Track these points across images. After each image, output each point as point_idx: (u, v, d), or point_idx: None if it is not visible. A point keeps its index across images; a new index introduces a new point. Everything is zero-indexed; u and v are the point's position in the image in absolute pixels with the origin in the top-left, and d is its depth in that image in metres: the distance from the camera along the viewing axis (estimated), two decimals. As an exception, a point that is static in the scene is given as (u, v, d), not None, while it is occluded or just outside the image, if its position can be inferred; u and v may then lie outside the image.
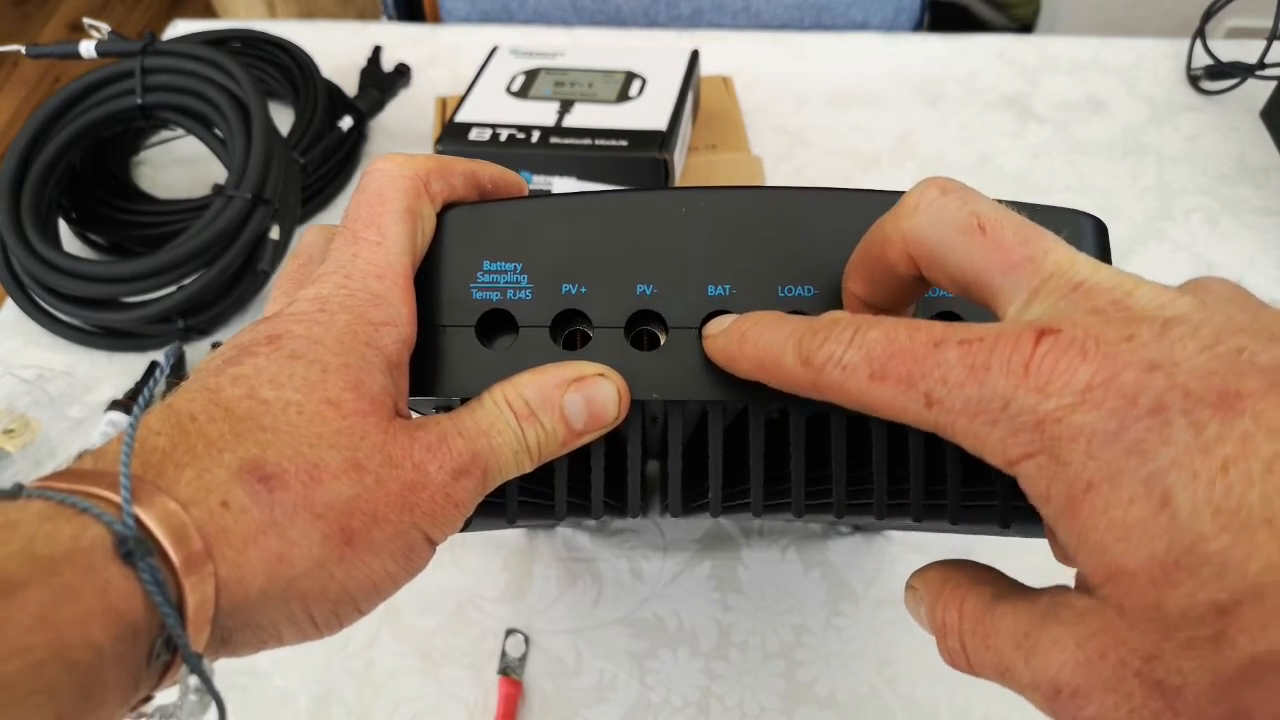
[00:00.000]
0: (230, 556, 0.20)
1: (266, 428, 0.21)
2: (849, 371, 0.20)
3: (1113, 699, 0.17)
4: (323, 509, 0.21)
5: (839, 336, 0.21)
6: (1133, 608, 0.17)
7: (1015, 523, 0.28)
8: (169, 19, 0.77)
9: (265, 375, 0.22)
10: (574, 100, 0.58)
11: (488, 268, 0.27)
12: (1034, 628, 0.19)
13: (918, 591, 0.25)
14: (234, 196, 0.52)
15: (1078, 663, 0.18)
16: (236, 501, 0.20)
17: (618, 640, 0.45)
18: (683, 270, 0.27)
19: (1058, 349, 0.18)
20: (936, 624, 0.23)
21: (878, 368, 0.20)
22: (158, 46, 0.56)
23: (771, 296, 0.27)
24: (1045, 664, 0.18)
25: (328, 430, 0.22)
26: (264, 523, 0.21)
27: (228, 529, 0.20)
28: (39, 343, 0.56)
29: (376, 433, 0.23)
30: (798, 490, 0.28)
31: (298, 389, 0.22)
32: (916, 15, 0.90)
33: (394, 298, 0.25)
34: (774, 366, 0.23)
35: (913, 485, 0.28)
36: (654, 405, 0.27)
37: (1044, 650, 0.19)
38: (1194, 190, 0.64)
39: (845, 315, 0.22)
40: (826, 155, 0.67)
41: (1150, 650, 0.17)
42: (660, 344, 0.27)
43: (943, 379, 0.19)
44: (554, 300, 0.27)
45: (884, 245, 0.23)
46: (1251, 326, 0.17)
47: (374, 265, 0.25)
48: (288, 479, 0.21)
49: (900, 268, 0.23)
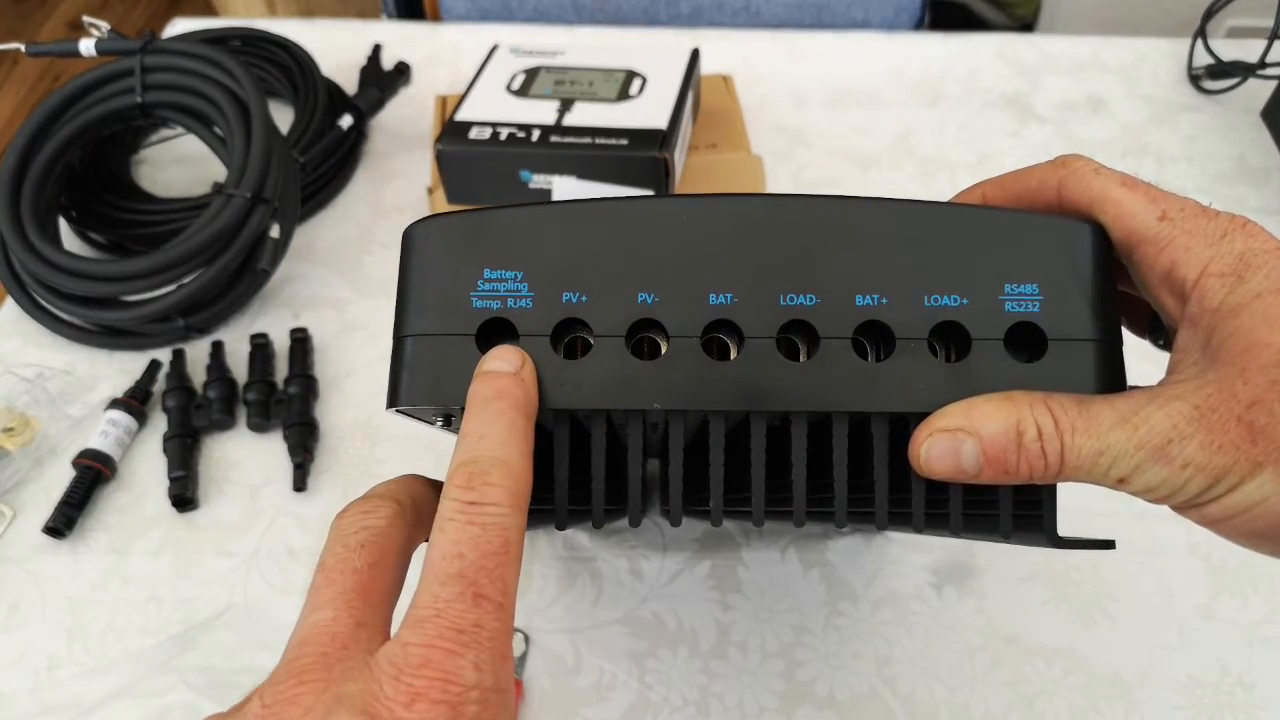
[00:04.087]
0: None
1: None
2: (1102, 176, 0.27)
3: (1211, 437, 0.23)
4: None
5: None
6: (1256, 369, 0.23)
7: (1016, 532, 0.28)
8: (169, 17, 0.77)
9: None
10: (574, 99, 0.58)
11: (488, 276, 0.27)
12: (1142, 405, 0.24)
13: (958, 432, 0.25)
14: (234, 195, 0.52)
15: (1189, 417, 0.23)
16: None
17: (617, 639, 0.45)
18: (684, 278, 0.27)
19: (1258, 227, 0.26)
20: (1024, 436, 0.25)
21: (1126, 180, 0.27)
22: (157, 45, 0.56)
23: (773, 305, 0.27)
24: (1156, 426, 0.24)
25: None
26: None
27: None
28: (39, 341, 0.56)
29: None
30: (799, 500, 0.27)
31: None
32: (916, 14, 0.90)
33: (513, 690, 0.23)
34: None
35: (914, 495, 0.27)
36: (655, 413, 0.27)
37: (1153, 417, 0.24)
38: (1194, 190, 0.64)
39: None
40: (826, 154, 0.67)
41: (1255, 398, 0.23)
42: (661, 352, 0.27)
43: (1180, 206, 0.26)
44: (555, 309, 0.27)
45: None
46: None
47: (499, 642, 0.22)
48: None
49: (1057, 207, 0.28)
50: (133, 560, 0.48)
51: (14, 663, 0.44)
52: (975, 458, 0.25)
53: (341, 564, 0.24)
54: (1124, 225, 0.26)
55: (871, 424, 0.27)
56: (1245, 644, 0.44)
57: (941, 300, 0.27)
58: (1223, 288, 0.24)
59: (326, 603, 0.23)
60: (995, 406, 0.25)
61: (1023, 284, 0.27)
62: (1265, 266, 0.24)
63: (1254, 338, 0.23)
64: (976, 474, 0.25)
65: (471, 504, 0.23)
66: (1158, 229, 0.26)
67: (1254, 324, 0.23)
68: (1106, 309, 0.27)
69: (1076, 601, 0.46)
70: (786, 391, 0.26)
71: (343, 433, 0.53)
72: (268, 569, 0.47)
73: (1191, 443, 0.23)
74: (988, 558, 0.47)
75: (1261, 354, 0.23)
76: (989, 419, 0.25)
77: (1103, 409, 0.25)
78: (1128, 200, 0.27)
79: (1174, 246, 0.25)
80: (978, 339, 0.26)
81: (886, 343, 0.27)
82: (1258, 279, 0.24)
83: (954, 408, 0.26)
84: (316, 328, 0.56)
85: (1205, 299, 0.25)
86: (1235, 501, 0.24)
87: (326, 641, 0.22)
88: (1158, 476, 0.24)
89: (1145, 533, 0.47)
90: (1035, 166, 0.29)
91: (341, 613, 0.23)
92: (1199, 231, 0.25)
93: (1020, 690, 0.43)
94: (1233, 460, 0.23)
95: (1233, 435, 0.23)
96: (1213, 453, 0.23)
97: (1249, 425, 0.23)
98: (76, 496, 0.48)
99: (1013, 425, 0.25)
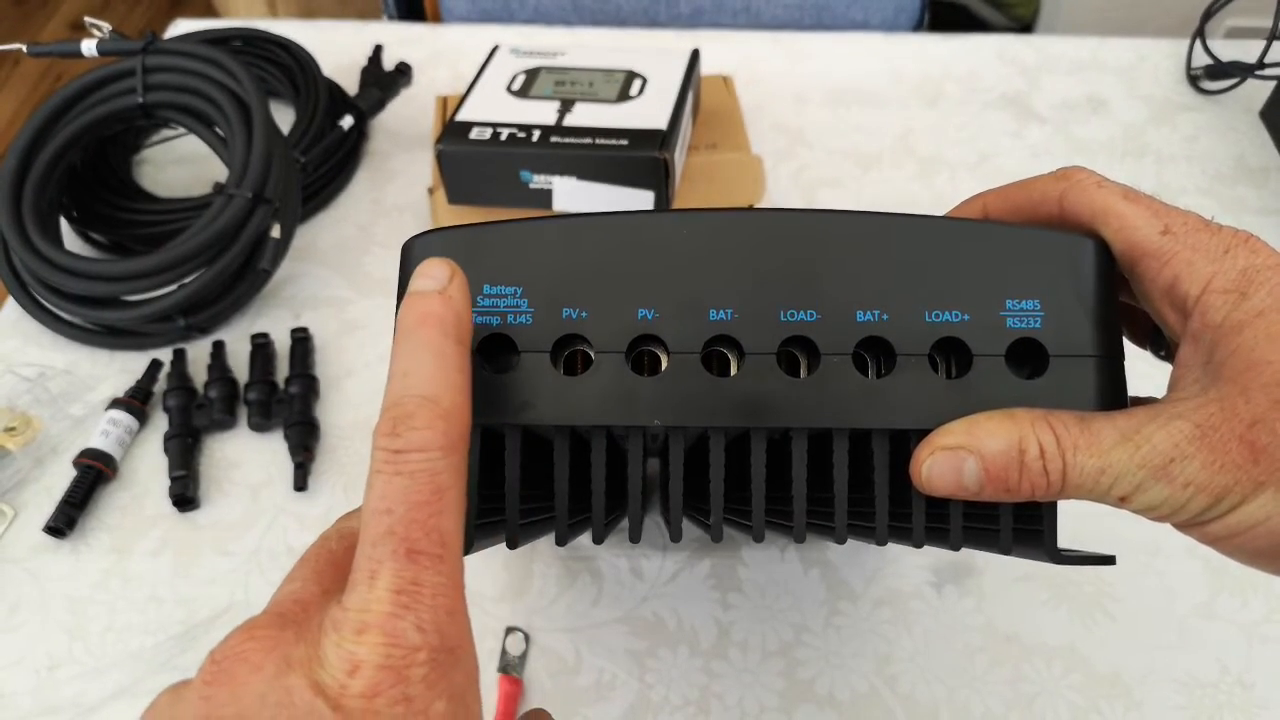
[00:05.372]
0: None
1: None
2: (1105, 189, 0.27)
3: (1213, 456, 0.23)
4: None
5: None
6: (1258, 388, 0.23)
7: (1017, 546, 0.28)
8: (170, 18, 0.77)
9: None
10: (574, 99, 0.58)
11: (488, 291, 0.27)
12: (1144, 424, 0.24)
13: (960, 450, 0.25)
14: (235, 195, 0.52)
15: (1191, 436, 0.23)
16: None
17: (617, 639, 0.45)
18: (684, 294, 0.27)
19: (1261, 243, 0.26)
20: (1026, 454, 0.25)
21: (1129, 194, 0.27)
22: (159, 45, 0.56)
23: (774, 321, 0.26)
24: (1158, 444, 0.24)
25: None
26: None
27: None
28: (40, 341, 0.56)
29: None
30: (799, 516, 0.27)
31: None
32: (916, 15, 0.90)
33: (468, 646, 0.21)
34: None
35: (914, 511, 0.27)
36: (655, 428, 0.27)
37: (1155, 436, 0.24)
38: (1193, 190, 0.65)
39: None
40: (827, 155, 0.67)
41: (1257, 417, 0.23)
42: (662, 368, 0.27)
43: (1184, 220, 0.26)
44: (555, 324, 0.26)
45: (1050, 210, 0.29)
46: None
47: (443, 597, 0.20)
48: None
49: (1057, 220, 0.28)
50: (133, 560, 0.48)
51: (14, 663, 0.44)
52: (977, 475, 0.25)
53: (318, 548, 0.24)
54: (1126, 239, 0.26)
55: (872, 440, 0.27)
56: (1245, 644, 0.44)
57: (943, 316, 0.26)
58: (1225, 304, 0.24)
59: (297, 576, 0.23)
60: (997, 424, 0.25)
61: (1024, 300, 0.27)
62: (1268, 283, 0.24)
63: (1256, 355, 0.23)
64: (978, 491, 0.25)
65: (397, 452, 0.21)
66: (1160, 243, 0.26)
67: (1256, 342, 0.23)
68: (1108, 325, 0.27)
69: (1076, 601, 0.46)
70: (787, 407, 0.26)
71: (343, 432, 0.53)
72: (268, 569, 0.47)
73: (1193, 462, 0.23)
74: (987, 557, 0.47)
75: (1264, 372, 0.23)
76: (991, 437, 0.25)
77: (1104, 427, 0.25)
78: (1130, 213, 0.26)
79: (1177, 261, 0.25)
80: (979, 355, 0.26)
81: (887, 359, 0.27)
82: (1260, 296, 0.24)
83: (955, 425, 0.26)
84: (317, 327, 0.56)
85: (1207, 315, 0.25)
86: (1237, 520, 0.24)
87: (289, 605, 0.22)
88: (1159, 495, 0.24)
89: (1145, 533, 0.47)
90: (1037, 178, 0.29)
91: (310, 582, 0.23)
92: (1202, 247, 0.25)
93: (1020, 690, 0.43)
94: (1234, 479, 0.23)
95: (1234, 454, 0.23)
96: (1214, 472, 0.23)
97: (1251, 444, 0.23)
98: (77, 496, 0.48)
99: (1015, 443, 0.25)
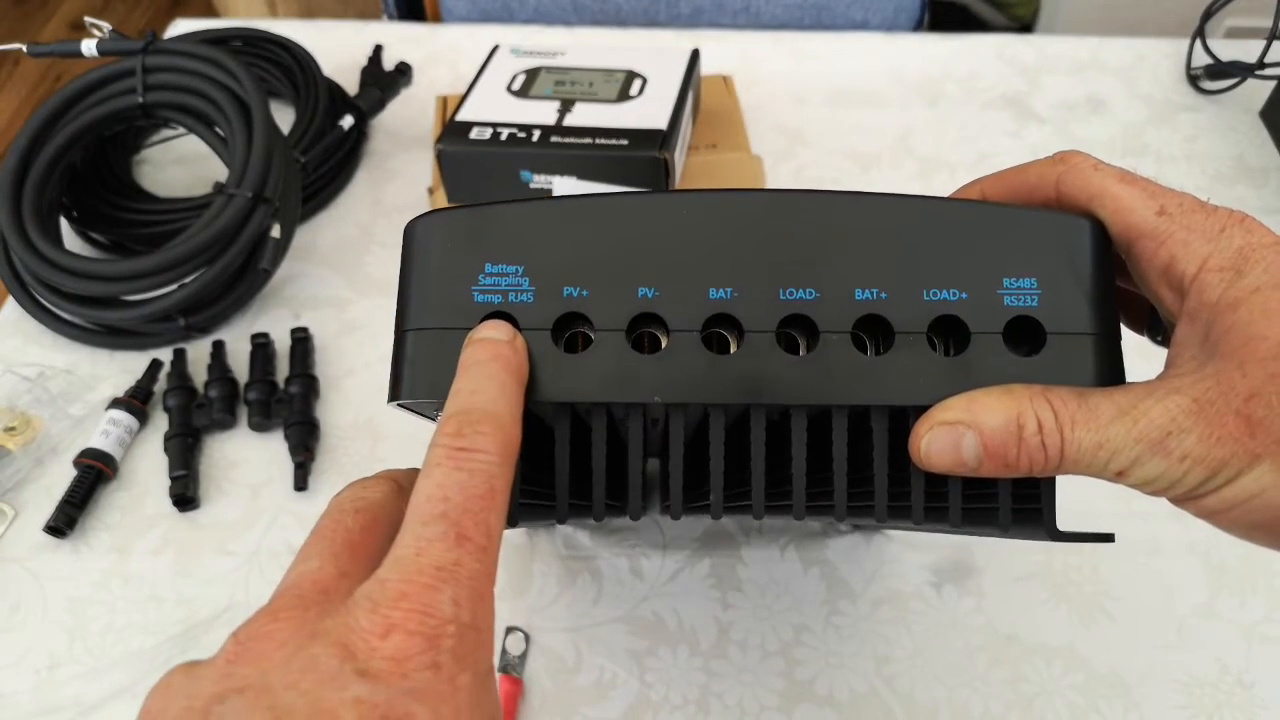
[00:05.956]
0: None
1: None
2: (1101, 172, 0.27)
3: (1210, 429, 0.23)
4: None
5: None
6: (1254, 362, 0.23)
7: (1016, 524, 0.28)
8: (170, 18, 0.77)
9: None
10: (574, 99, 0.58)
11: (489, 270, 0.27)
12: (1141, 398, 0.24)
13: (959, 425, 0.26)
14: (235, 195, 0.52)
15: (1187, 410, 0.24)
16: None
17: (617, 638, 0.45)
18: (684, 273, 0.27)
19: (1256, 223, 0.26)
20: (1024, 430, 0.25)
21: (1125, 176, 0.27)
22: (159, 45, 0.56)
23: (773, 299, 0.27)
24: (1155, 419, 0.24)
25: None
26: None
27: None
28: (40, 341, 0.56)
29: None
30: (799, 493, 0.28)
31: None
32: (916, 15, 0.90)
33: (491, 635, 0.22)
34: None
35: (913, 488, 0.28)
36: (655, 407, 0.27)
37: (1152, 411, 0.24)
38: (1193, 190, 0.63)
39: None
40: (827, 155, 0.67)
41: (1253, 391, 0.23)
42: (662, 347, 0.27)
43: (1179, 201, 0.26)
44: (555, 303, 0.27)
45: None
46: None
47: (479, 582, 0.21)
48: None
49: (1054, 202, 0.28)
50: (134, 559, 0.48)
51: (14, 662, 0.44)
52: (975, 451, 0.25)
53: (334, 524, 0.24)
54: (1122, 220, 0.27)
55: (871, 417, 0.27)
56: (1244, 643, 0.44)
57: (940, 294, 0.27)
58: (1221, 282, 0.25)
59: (314, 555, 0.23)
60: (995, 400, 0.25)
61: (1021, 278, 0.27)
62: (1264, 261, 0.24)
63: (1252, 331, 0.24)
64: (977, 467, 0.26)
65: (461, 450, 0.23)
66: (1156, 224, 0.26)
67: (1252, 318, 0.24)
68: (1105, 302, 0.27)
69: (1076, 601, 0.46)
70: (786, 385, 0.26)
71: (343, 432, 0.53)
72: (269, 568, 0.47)
73: (1190, 436, 0.24)
74: (987, 557, 0.47)
75: (1259, 347, 0.23)
76: (989, 412, 0.25)
77: (1102, 402, 0.25)
78: (1126, 195, 0.27)
79: (1173, 241, 0.26)
80: (976, 333, 0.27)
81: (886, 337, 0.27)
82: (1256, 273, 0.24)
83: (954, 401, 0.26)
84: (317, 327, 0.56)
85: (1204, 293, 0.25)
86: (1233, 493, 0.24)
87: (308, 586, 0.22)
88: (1156, 469, 0.24)
89: (1145, 532, 0.48)
90: (1034, 162, 0.29)
91: (327, 563, 0.23)
92: (1197, 226, 0.25)
93: (1020, 689, 0.43)
94: (1231, 453, 0.23)
95: (1231, 428, 0.23)
96: (1211, 445, 0.23)
97: (1247, 418, 0.23)
98: (78, 496, 0.48)
99: (1013, 418, 0.25)
